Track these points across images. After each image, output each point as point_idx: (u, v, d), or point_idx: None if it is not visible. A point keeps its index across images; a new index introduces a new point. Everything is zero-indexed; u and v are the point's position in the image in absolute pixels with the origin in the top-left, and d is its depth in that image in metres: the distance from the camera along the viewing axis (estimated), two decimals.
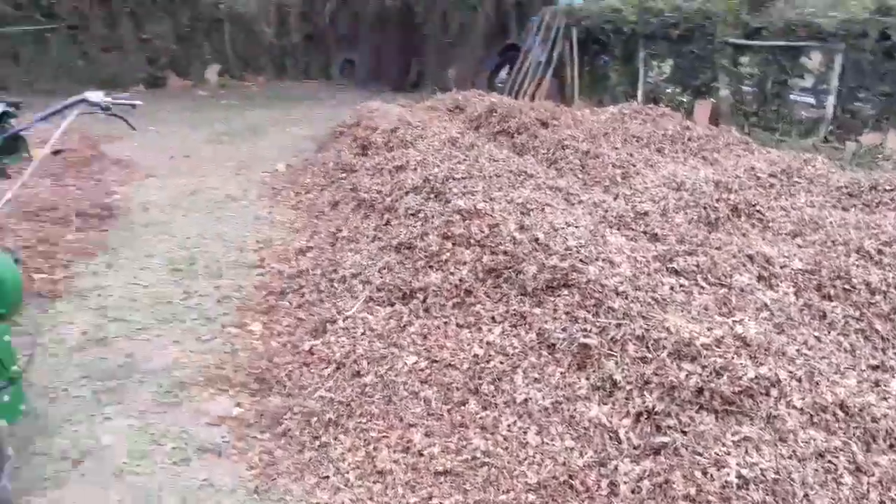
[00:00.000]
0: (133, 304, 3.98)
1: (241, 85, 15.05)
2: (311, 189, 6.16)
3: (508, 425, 2.61)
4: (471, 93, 8.23)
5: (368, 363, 2.94)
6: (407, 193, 4.52)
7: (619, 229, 4.02)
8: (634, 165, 5.36)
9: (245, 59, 15.54)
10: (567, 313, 3.01)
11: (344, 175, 6.01)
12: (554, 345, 2.89)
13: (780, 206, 4.44)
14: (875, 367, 2.84)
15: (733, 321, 2.86)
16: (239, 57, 15.44)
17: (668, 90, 8.79)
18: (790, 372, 2.57)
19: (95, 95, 2.92)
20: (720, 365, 2.54)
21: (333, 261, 4.05)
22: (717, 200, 4.39)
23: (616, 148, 5.76)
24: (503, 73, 11.08)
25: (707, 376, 2.52)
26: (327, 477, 2.43)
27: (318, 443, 2.59)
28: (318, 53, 15.72)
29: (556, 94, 9.64)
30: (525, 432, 2.57)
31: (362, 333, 3.17)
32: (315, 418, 2.69)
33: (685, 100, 8.52)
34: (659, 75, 8.95)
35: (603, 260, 3.31)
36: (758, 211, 4.37)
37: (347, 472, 2.42)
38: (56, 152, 3.05)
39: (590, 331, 2.86)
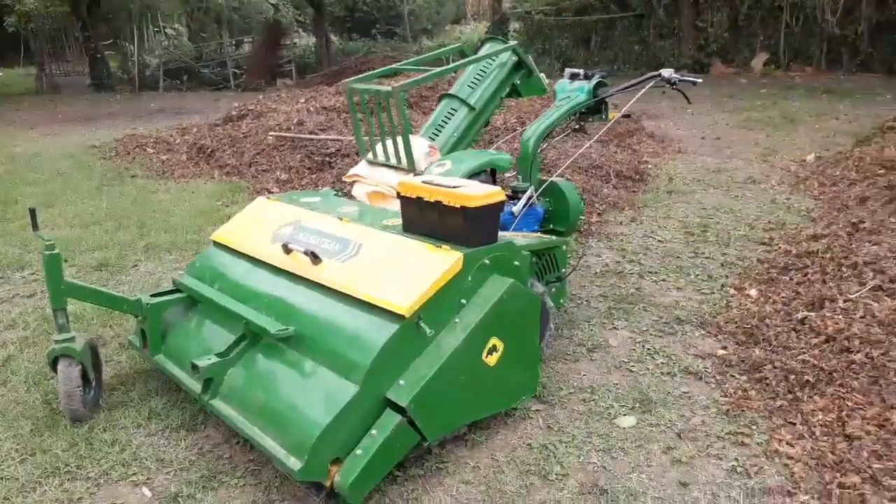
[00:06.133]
0: (647, 253, 4.65)
1: (786, 75, 14.65)
2: (839, 182, 5.93)
3: None
4: None
5: (861, 343, 2.94)
6: None
7: None
8: None
9: (796, 49, 15.00)
10: None
11: (882, 171, 5.61)
12: None
13: None
14: None
15: None
16: (790, 46, 14.97)
17: None
18: None
19: (667, 72, 3.56)
20: None
21: (847, 248, 3.98)
22: None
23: None
24: None
25: None
26: (794, 424, 2.61)
27: (791, 396, 2.78)
28: (884, 44, 14.15)
29: None
30: None
31: (861, 316, 3.15)
32: (793, 376, 2.87)
33: None
34: None
35: None
36: None
37: (814, 427, 2.56)
38: (626, 116, 3.82)
39: None
